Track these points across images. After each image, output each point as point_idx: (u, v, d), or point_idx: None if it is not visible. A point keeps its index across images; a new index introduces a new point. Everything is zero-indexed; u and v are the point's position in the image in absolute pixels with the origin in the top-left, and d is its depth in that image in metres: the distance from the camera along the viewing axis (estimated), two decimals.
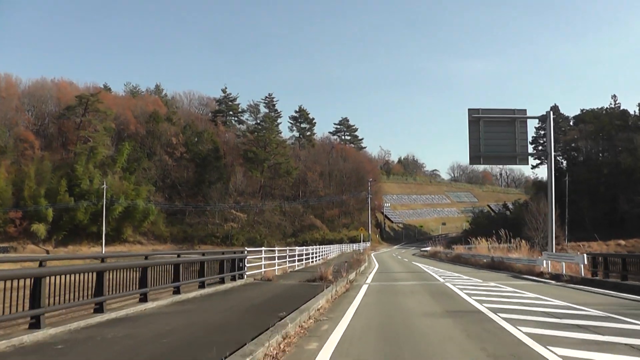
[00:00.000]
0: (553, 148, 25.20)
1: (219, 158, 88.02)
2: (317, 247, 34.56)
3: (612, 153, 74.46)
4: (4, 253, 59.50)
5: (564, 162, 78.82)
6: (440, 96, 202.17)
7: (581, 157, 78.99)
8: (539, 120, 31.61)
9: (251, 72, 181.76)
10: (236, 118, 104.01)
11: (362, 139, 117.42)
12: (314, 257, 29.72)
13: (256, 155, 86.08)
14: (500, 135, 24.25)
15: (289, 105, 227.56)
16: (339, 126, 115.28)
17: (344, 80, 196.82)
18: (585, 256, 17.85)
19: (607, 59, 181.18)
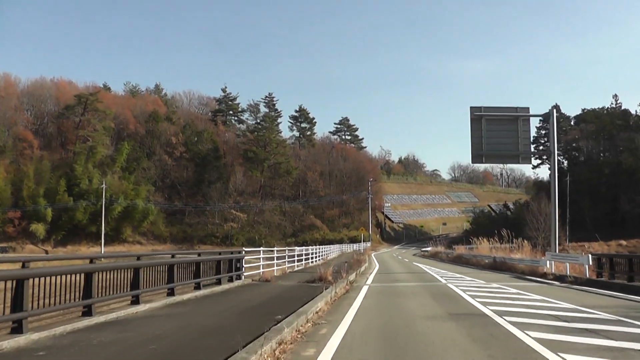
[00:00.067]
0: (555, 147, 24.86)
1: (219, 158, 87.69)
2: (317, 247, 34.24)
3: (614, 153, 74.09)
4: (3, 253, 59.16)
5: (565, 162, 78.44)
6: (440, 96, 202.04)
7: (582, 157, 78.67)
8: (542, 118, 31.30)
9: (251, 72, 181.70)
10: (236, 117, 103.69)
11: (363, 139, 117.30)
12: (314, 258, 29.40)
13: (256, 154, 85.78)
14: (502, 133, 23.88)
15: (289, 104, 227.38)
16: (339, 126, 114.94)
17: (344, 80, 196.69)
18: (590, 257, 17.48)
19: (607, 59, 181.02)
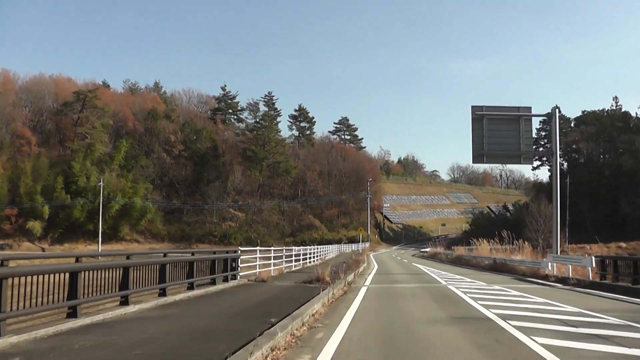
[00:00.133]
0: (557, 147, 24.50)
1: (218, 156, 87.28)
2: (316, 247, 33.92)
3: (614, 155, 73.74)
4: None
5: (565, 164, 78.00)
6: (440, 96, 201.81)
7: (582, 159, 78.29)
8: (543, 118, 30.95)
9: (251, 71, 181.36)
10: (235, 116, 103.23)
11: (362, 139, 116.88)
12: (312, 258, 29.05)
13: (255, 154, 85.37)
14: (504, 133, 23.56)
15: (289, 104, 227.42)
16: (339, 125, 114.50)
17: (344, 79, 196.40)
18: (593, 259, 17.14)
19: (607, 59, 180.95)
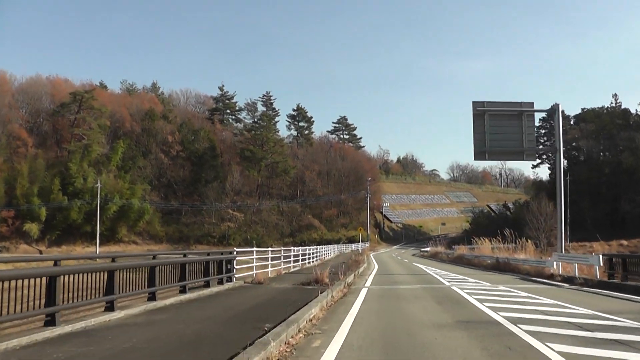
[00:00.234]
0: (560, 143, 23.96)
1: (216, 157, 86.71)
2: (315, 248, 33.41)
3: (614, 152, 73.32)
4: None
5: (565, 162, 77.45)
6: (439, 96, 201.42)
7: (582, 157, 77.90)
8: (545, 114, 30.46)
9: (249, 71, 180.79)
10: (233, 116, 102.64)
11: (361, 138, 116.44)
12: (311, 258, 28.53)
13: (253, 154, 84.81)
14: (506, 129, 23.05)
15: (287, 103, 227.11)
16: (338, 125, 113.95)
17: (343, 79, 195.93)
18: (600, 257, 16.62)
19: (607, 59, 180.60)
